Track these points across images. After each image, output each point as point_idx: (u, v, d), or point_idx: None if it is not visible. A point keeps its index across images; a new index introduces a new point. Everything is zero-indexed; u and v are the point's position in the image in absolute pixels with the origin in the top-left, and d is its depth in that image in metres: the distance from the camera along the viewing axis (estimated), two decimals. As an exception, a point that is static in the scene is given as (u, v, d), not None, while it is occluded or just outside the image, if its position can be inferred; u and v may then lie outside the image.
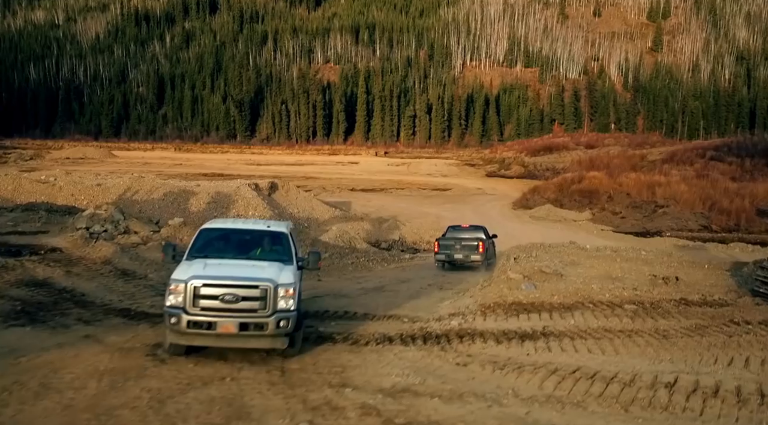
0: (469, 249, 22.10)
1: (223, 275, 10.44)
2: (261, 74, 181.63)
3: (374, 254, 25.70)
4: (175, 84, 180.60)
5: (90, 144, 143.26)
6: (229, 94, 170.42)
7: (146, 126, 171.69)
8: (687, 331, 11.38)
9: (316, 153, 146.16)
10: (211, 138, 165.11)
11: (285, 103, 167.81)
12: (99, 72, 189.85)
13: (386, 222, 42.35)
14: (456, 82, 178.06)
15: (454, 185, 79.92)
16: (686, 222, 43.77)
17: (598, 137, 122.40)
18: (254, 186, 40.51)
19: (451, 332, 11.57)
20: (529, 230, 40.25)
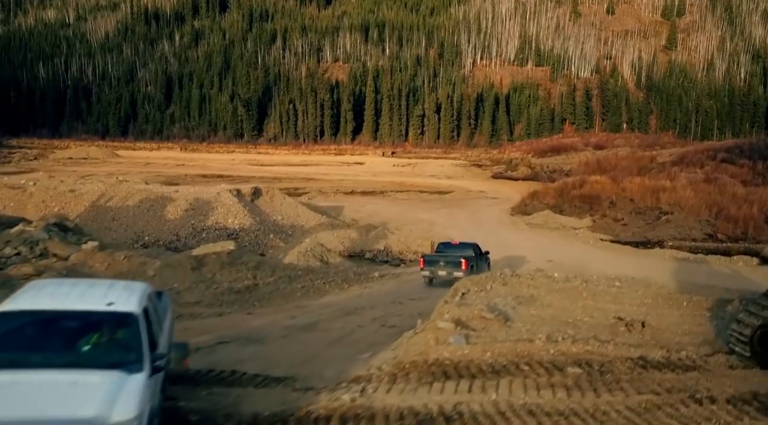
0: (452, 266, 21.72)
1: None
2: (269, 73, 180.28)
3: (342, 273, 23.86)
4: (183, 83, 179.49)
5: (94, 144, 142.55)
6: (237, 94, 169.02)
7: (153, 125, 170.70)
8: (632, 414, 8.92)
9: (323, 153, 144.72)
10: (218, 138, 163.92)
11: (293, 103, 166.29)
12: (108, 71, 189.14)
13: (374, 230, 40.51)
14: (466, 81, 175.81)
15: (457, 187, 78.02)
16: (690, 231, 41.64)
17: (608, 137, 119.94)
18: (236, 192, 38.88)
19: (336, 414, 8.75)
20: (523, 240, 38.36)
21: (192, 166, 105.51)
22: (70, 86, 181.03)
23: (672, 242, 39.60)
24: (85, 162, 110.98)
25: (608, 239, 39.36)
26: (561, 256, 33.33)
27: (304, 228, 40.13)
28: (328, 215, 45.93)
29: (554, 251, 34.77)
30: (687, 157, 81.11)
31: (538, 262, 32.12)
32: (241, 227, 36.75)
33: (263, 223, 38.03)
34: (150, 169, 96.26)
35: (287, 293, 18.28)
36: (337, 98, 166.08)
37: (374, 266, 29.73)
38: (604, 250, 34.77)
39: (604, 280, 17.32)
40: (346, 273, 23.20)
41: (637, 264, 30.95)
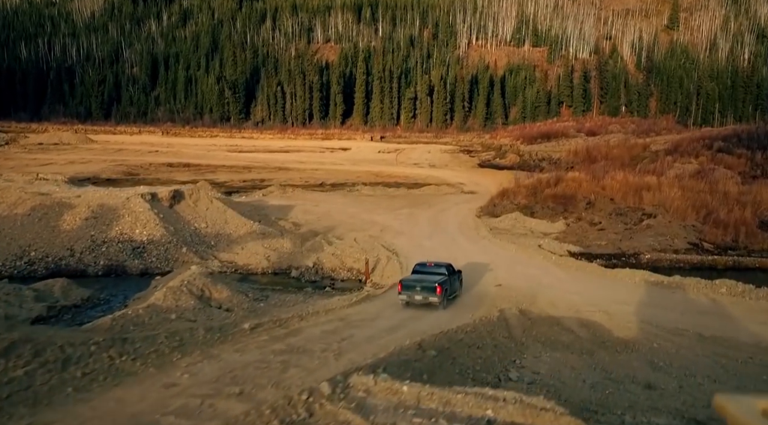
0: (428, 291, 22.85)
1: None
2: (258, 54, 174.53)
3: (206, 323, 18.85)
4: (169, 64, 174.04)
5: (72, 128, 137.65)
6: (223, 76, 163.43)
7: (138, 108, 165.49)
8: None
9: (309, 137, 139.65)
10: (204, 121, 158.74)
11: (281, 85, 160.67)
12: (92, 52, 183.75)
13: (311, 240, 35.66)
14: (460, 62, 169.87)
15: (436, 178, 72.95)
16: (673, 239, 36.56)
17: (603, 122, 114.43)
18: (150, 197, 33.85)
19: None
20: (479, 252, 33.43)
21: (165, 153, 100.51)
22: (53, 68, 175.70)
23: (650, 254, 34.54)
24: (54, 148, 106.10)
25: (577, 252, 34.31)
26: (514, 277, 28.44)
27: (232, 237, 35.25)
28: (269, 218, 41.02)
29: (509, 269, 29.87)
30: (682, 145, 75.81)
31: (487, 284, 27.28)
32: (149, 239, 31.85)
33: (178, 233, 33.10)
34: (116, 156, 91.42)
35: (43, 392, 12.43)
36: (326, 80, 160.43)
37: (284, 297, 24.73)
38: (567, 269, 29.74)
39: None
40: (212, 323, 18.03)
41: (600, 291, 26.03)
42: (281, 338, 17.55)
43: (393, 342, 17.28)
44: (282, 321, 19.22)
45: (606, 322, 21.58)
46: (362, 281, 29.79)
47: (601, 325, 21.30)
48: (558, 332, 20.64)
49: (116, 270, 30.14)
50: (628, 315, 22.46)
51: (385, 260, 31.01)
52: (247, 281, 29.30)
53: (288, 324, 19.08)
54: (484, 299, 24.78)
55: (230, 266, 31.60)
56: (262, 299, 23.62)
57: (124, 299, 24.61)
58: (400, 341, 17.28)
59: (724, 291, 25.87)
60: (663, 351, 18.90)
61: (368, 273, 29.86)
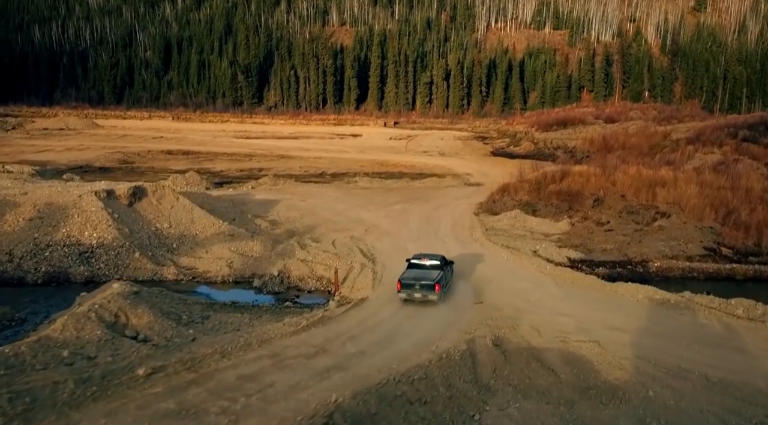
0: (426, 289, 23.29)
1: None
2: (272, 38, 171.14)
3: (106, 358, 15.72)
4: (182, 48, 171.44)
5: (77, 113, 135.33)
6: (236, 60, 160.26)
7: (150, 93, 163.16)
8: None
9: (321, 123, 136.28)
10: (216, 106, 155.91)
11: (294, 69, 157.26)
12: (106, 35, 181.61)
13: (285, 243, 32.38)
14: (478, 46, 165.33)
15: (442, 168, 69.31)
16: (686, 244, 32.74)
17: (623, 108, 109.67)
18: (105, 194, 30.69)
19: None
20: (467, 258, 29.95)
21: (169, 139, 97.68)
22: (66, 51, 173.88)
23: (659, 262, 30.78)
24: (58, 134, 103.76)
25: (578, 258, 30.67)
26: (500, 292, 24.99)
27: (197, 239, 32.07)
28: (245, 216, 37.77)
29: (496, 281, 26.40)
30: (705, 134, 71.36)
31: (467, 300, 23.86)
32: (99, 243, 28.73)
33: (134, 235, 29.95)
34: (117, 143, 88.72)
35: None
36: (340, 65, 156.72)
37: (226, 318, 21.43)
38: (561, 283, 26.11)
39: None
40: (98, 369, 14.75)
41: (595, 313, 22.48)
42: (180, 389, 14.32)
43: (317, 395, 13.96)
44: (195, 361, 16.02)
45: (596, 358, 18.08)
46: (331, 293, 26.50)
47: (589, 362, 17.82)
48: (536, 371, 17.21)
49: (58, 278, 27.11)
50: (623, 348, 18.93)
51: (359, 269, 27.65)
52: (197, 293, 26.14)
53: (201, 365, 15.87)
54: (457, 322, 21.37)
55: (188, 274, 28.44)
56: (196, 323, 20.40)
57: (46, 317, 21.54)
58: (327, 393, 13.95)
59: (740, 313, 22.20)
60: (659, 403, 15.40)
61: (338, 284, 26.55)
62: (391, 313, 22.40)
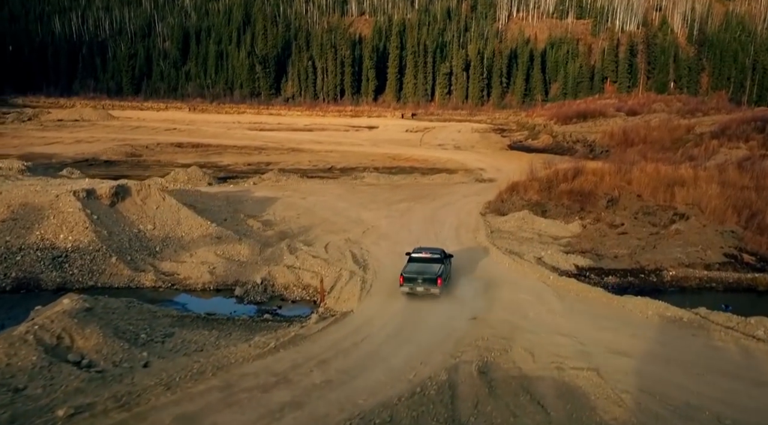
0: (429, 283, 23.69)
1: None
2: (290, 28, 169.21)
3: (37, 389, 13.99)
4: (200, 38, 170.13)
5: (94, 104, 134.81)
6: (253, 50, 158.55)
7: (168, 83, 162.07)
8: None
9: (338, 115, 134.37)
10: (234, 97, 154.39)
11: (312, 60, 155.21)
12: (125, 25, 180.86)
13: (275, 246, 30.59)
14: (499, 36, 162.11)
15: (456, 162, 67.23)
16: (705, 250, 30.38)
17: (647, 100, 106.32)
18: (85, 194, 29.06)
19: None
20: (467, 264, 27.99)
21: (182, 131, 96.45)
22: (85, 42, 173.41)
23: (675, 270, 28.50)
24: (72, 125, 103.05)
25: (586, 266, 28.51)
26: (497, 306, 23.02)
27: (183, 241, 30.37)
28: (237, 216, 36.01)
29: (495, 293, 24.43)
30: (730, 128, 68.44)
31: (461, 316, 21.89)
32: (74, 246, 27.12)
33: (112, 238, 28.28)
34: (128, 135, 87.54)
35: None
36: (359, 55, 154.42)
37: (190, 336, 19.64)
38: (564, 296, 24.00)
39: None
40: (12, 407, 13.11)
41: (598, 332, 20.42)
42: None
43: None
44: (132, 396, 14.25)
45: (593, 390, 16.05)
46: (317, 303, 24.66)
47: (584, 396, 15.80)
48: (523, 407, 15.23)
49: (28, 284, 25.55)
50: (625, 378, 16.86)
51: (347, 278, 25.77)
52: (172, 303, 24.45)
53: (138, 401, 14.11)
54: (444, 343, 19.42)
55: (167, 280, 26.75)
56: (156, 342, 18.66)
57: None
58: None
59: (761, 335, 20.00)
60: (660, 451, 13.36)
61: (323, 294, 24.70)
62: (373, 331, 20.51)
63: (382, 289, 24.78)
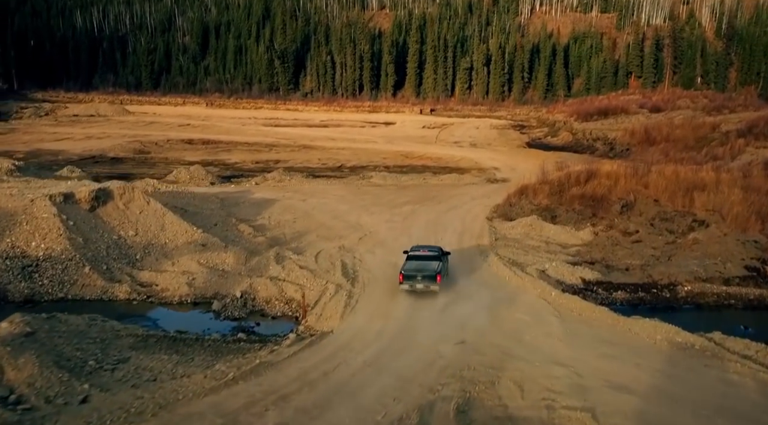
0: (428, 280, 23.82)
1: None
2: (310, 22, 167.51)
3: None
4: (220, 33, 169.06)
5: (112, 99, 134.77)
6: (272, 45, 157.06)
7: (187, 78, 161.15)
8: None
9: (355, 110, 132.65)
10: (252, 92, 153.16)
11: (331, 55, 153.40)
12: (145, 20, 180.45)
13: (263, 254, 28.87)
14: (521, 30, 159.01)
15: (469, 161, 65.18)
16: (724, 263, 28.10)
17: (672, 96, 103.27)
18: (62, 198, 27.50)
19: None
20: (464, 277, 26.05)
21: (195, 127, 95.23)
22: (105, 36, 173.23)
23: (690, 285, 26.29)
24: (86, 121, 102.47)
25: (594, 280, 26.41)
26: (490, 327, 21.09)
27: (166, 248, 28.74)
28: (229, 220, 34.28)
29: (489, 311, 22.51)
30: (758, 125, 65.56)
31: (448, 338, 19.99)
32: (46, 255, 25.59)
33: (88, 246, 26.71)
34: (140, 131, 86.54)
35: None
36: (378, 50, 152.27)
37: (146, 363, 17.88)
38: (566, 316, 21.94)
39: None
40: None
41: (599, 361, 18.41)
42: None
43: None
44: None
45: (584, 439, 14.06)
46: (298, 319, 22.89)
47: (573, 444, 13.79)
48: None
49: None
50: (623, 422, 14.85)
51: (332, 292, 23.98)
52: (143, 318, 22.82)
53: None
54: (426, 373, 17.52)
55: (143, 292, 25.14)
56: (105, 370, 16.97)
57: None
58: None
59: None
60: None
61: (305, 311, 22.93)
62: (350, 356, 18.68)
63: (369, 305, 22.96)
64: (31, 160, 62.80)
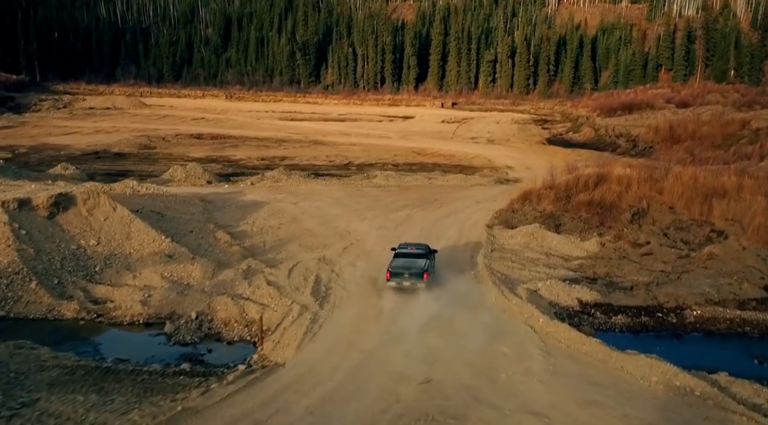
0: (416, 277, 23.88)
1: None
2: (332, 14, 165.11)
3: None
4: (242, 25, 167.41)
5: (129, 92, 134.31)
6: (293, 37, 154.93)
7: (208, 70, 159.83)
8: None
9: (375, 104, 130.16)
10: (273, 84, 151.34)
11: (353, 47, 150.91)
12: (168, 11, 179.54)
13: (233, 267, 26.57)
14: (548, 21, 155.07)
15: (482, 159, 62.55)
16: (740, 284, 25.10)
17: (701, 90, 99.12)
18: (17, 205, 25.52)
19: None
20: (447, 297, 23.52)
21: (209, 121, 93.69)
22: (128, 28, 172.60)
23: (700, 309, 23.47)
24: (101, 114, 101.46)
25: (592, 302, 23.70)
26: (463, 361, 18.56)
27: (130, 259, 26.62)
28: (206, 227, 32.02)
29: (468, 339, 20.03)
30: (791, 123, 61.99)
31: (415, 376, 17.53)
32: (-10, 268, 23.57)
33: (40, 257, 24.65)
34: (152, 125, 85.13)
35: None
36: (400, 42, 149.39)
37: (55, 408, 15.66)
38: (553, 348, 19.26)
39: None
40: None
41: (580, 411, 15.80)
42: None
43: None
44: None
45: None
46: (256, 345, 20.61)
47: None
48: None
49: (-71, 315, 22.09)
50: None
51: (296, 314, 21.64)
52: (82, 342, 20.72)
53: None
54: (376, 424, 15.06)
55: (94, 310, 23.02)
56: (1, 418, 14.77)
57: None
58: None
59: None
60: None
61: (262, 336, 20.62)
62: (292, 400, 16.31)
63: (333, 331, 20.62)
64: (33, 155, 61.53)
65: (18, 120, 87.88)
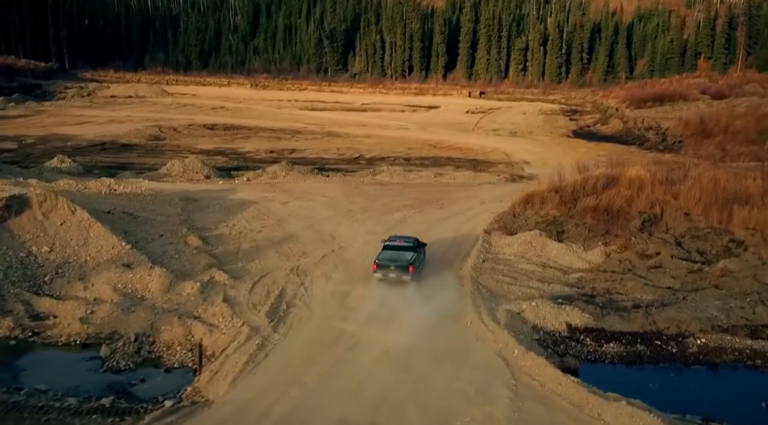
0: (401, 270, 24.21)
1: None
2: (361, 1, 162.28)
3: None
4: (270, 12, 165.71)
5: (155, 80, 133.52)
6: (321, 25, 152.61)
7: (236, 58, 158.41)
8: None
9: (401, 93, 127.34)
10: (300, 73, 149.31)
11: (381, 35, 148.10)
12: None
13: (194, 278, 24.44)
14: (582, 8, 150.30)
15: (500, 152, 59.83)
16: (753, 308, 22.01)
17: (741, 80, 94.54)
18: (-38, 210, 23.57)
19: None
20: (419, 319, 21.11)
21: (228, 110, 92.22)
22: (158, 15, 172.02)
23: (705, 337, 20.54)
24: (122, 102, 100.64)
25: (582, 327, 20.97)
26: (414, 403, 16.13)
27: (85, 267, 24.64)
28: (179, 230, 29.94)
29: (428, 375, 17.54)
30: (832, 117, 57.95)
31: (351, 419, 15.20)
32: None
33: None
34: (170, 114, 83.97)
35: None
36: (429, 29, 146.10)
37: None
38: (523, 388, 16.57)
39: None
40: None
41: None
42: None
43: None
44: None
45: None
46: (195, 374, 18.42)
47: None
48: None
49: None
50: None
51: (243, 339, 19.39)
52: (5, 368, 18.72)
53: None
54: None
55: (30, 328, 21.04)
56: None
57: None
58: None
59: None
60: None
61: (200, 365, 18.40)
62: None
63: (280, 361, 18.35)
64: (39, 146, 60.29)
65: (36, 109, 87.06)
